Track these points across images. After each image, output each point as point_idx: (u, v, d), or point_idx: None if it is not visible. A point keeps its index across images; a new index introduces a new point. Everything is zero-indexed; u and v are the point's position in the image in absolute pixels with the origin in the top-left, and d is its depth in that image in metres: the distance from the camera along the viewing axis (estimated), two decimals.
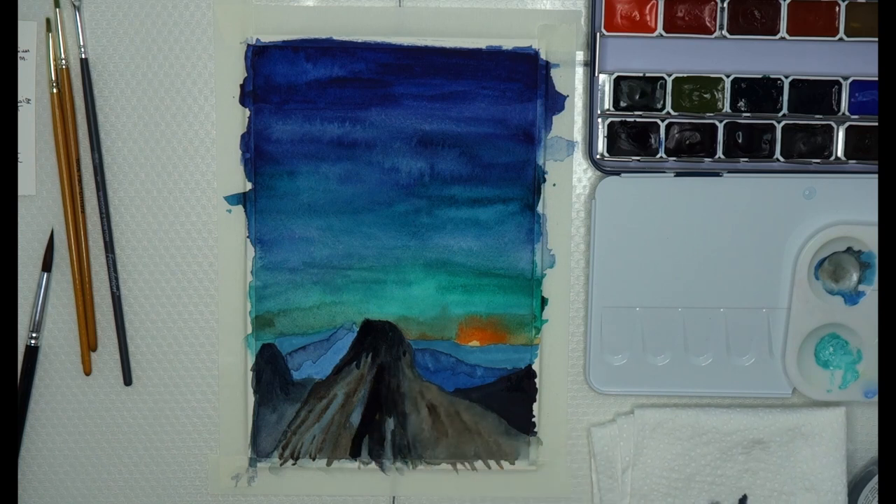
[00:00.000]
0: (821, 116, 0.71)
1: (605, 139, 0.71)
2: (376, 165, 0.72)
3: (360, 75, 0.71)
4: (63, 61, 0.71)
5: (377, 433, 0.74)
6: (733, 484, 0.73)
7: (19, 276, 0.73)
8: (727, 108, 0.70)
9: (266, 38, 0.70)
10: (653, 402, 0.74)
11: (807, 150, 0.71)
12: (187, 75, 0.72)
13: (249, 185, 0.72)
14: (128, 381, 0.74)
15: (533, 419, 0.74)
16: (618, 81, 0.70)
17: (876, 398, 0.73)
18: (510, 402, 0.73)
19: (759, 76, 0.70)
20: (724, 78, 0.70)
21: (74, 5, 0.71)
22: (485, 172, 0.72)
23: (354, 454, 0.74)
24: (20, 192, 0.72)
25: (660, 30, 0.70)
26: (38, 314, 0.72)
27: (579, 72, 0.72)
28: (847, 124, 0.71)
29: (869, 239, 0.71)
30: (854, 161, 0.71)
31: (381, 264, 0.72)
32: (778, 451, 0.73)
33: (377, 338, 0.73)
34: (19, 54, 0.71)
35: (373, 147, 0.71)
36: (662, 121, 0.71)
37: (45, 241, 0.72)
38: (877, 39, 0.70)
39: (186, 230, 0.73)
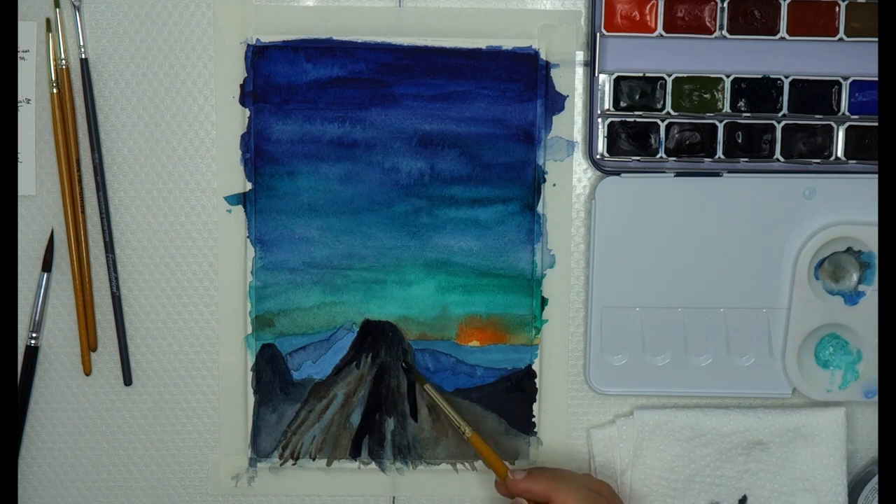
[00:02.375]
0: (821, 116, 0.71)
1: (605, 139, 0.71)
2: (376, 165, 0.72)
3: (360, 75, 0.71)
4: (63, 61, 0.71)
5: (377, 433, 0.74)
6: (733, 485, 0.73)
7: (19, 276, 0.73)
8: (727, 108, 0.70)
9: (266, 38, 0.70)
10: (653, 403, 0.74)
11: (807, 150, 0.71)
12: (187, 75, 0.72)
13: (249, 185, 0.72)
14: (128, 381, 0.74)
15: (533, 419, 0.74)
16: (618, 81, 0.70)
17: (876, 398, 0.73)
18: (510, 402, 0.73)
19: (759, 76, 0.70)
20: (724, 78, 0.70)
21: (74, 5, 0.71)
22: (485, 172, 0.72)
23: (354, 454, 0.74)
24: (20, 192, 0.72)
25: (660, 30, 0.70)
26: (38, 314, 0.72)
27: (579, 72, 0.72)
28: (847, 124, 0.71)
29: (869, 239, 0.71)
30: (854, 161, 0.71)
31: (381, 264, 0.72)
32: (778, 451, 0.73)
33: (377, 338, 0.73)
34: (19, 54, 0.71)
35: (373, 147, 0.71)
36: (662, 121, 0.71)
37: (45, 241, 0.72)
38: (877, 39, 0.70)
39: (186, 230, 0.73)
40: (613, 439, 0.74)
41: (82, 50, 0.71)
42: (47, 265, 0.72)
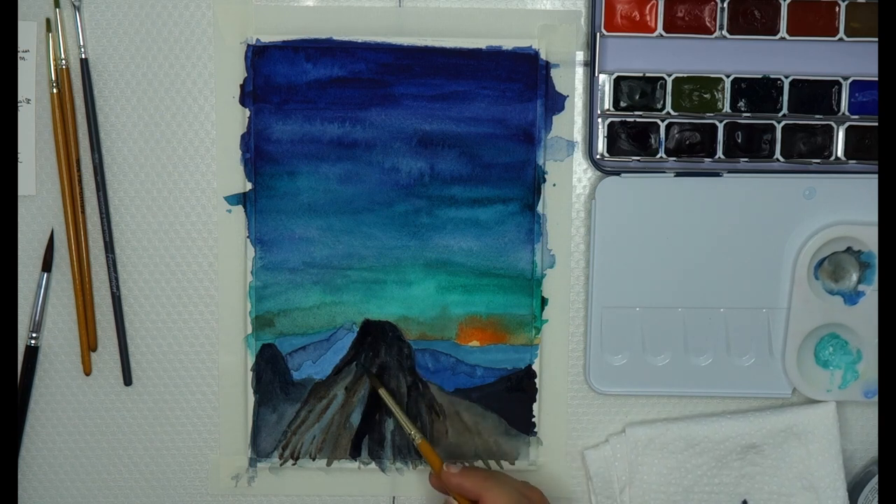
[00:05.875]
0: (821, 116, 0.71)
1: (605, 139, 0.71)
2: (376, 165, 0.72)
3: (360, 75, 0.71)
4: (63, 61, 0.71)
5: (377, 433, 0.74)
6: (732, 490, 0.73)
7: (19, 276, 0.73)
8: (727, 108, 0.70)
9: (266, 38, 0.70)
10: (653, 403, 0.74)
11: (807, 150, 0.71)
12: (187, 75, 0.72)
13: (249, 185, 0.72)
14: (128, 381, 0.74)
15: (533, 419, 0.74)
16: (618, 81, 0.70)
17: (876, 398, 0.73)
18: (510, 402, 0.73)
19: (759, 76, 0.70)
20: (724, 78, 0.70)
21: (74, 5, 0.71)
22: (485, 172, 0.72)
23: (354, 454, 0.74)
24: (20, 192, 0.72)
25: (660, 30, 0.70)
26: (38, 314, 0.72)
27: (579, 72, 0.72)
28: (847, 124, 0.71)
29: (869, 239, 0.71)
30: (854, 161, 0.71)
31: (381, 264, 0.72)
32: (772, 453, 0.73)
33: (377, 338, 0.73)
34: (19, 54, 0.71)
35: (373, 147, 0.71)
36: (662, 121, 0.71)
37: (45, 241, 0.72)
38: (877, 39, 0.70)
39: (186, 230, 0.73)
40: (608, 459, 0.73)
41: (82, 50, 0.71)
42: (47, 265, 0.72)
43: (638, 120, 0.71)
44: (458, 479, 0.67)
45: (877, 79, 0.70)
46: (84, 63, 0.71)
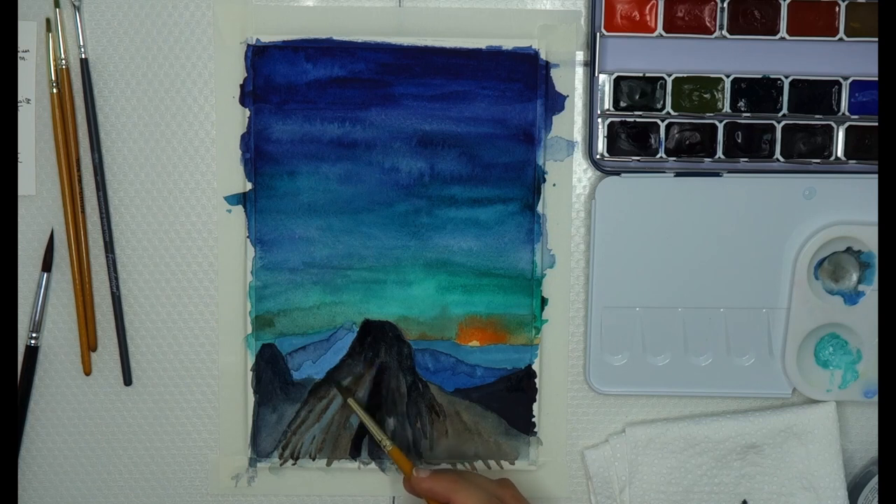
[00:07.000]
0: (821, 116, 0.71)
1: (605, 139, 0.71)
2: (376, 165, 0.72)
3: (360, 75, 0.71)
4: (63, 61, 0.71)
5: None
6: (732, 490, 0.73)
7: (19, 276, 0.73)
8: (727, 108, 0.71)
9: (266, 38, 0.70)
10: (653, 403, 0.74)
11: (807, 150, 0.71)
12: (187, 75, 0.72)
13: (249, 185, 0.72)
14: (128, 381, 0.74)
15: (533, 419, 0.74)
16: (618, 81, 0.70)
17: (876, 398, 0.73)
18: (510, 402, 0.73)
19: (759, 76, 0.70)
20: (724, 78, 0.70)
21: (74, 5, 0.71)
22: (485, 172, 0.72)
23: (354, 454, 0.74)
24: (20, 192, 0.72)
25: (660, 30, 0.70)
26: (38, 314, 0.72)
27: (579, 72, 0.72)
28: (847, 124, 0.71)
29: (869, 239, 0.71)
30: (854, 161, 0.71)
31: (381, 264, 0.72)
32: (772, 453, 0.73)
33: (377, 338, 0.73)
34: (19, 54, 0.71)
35: (373, 147, 0.71)
36: (662, 121, 0.71)
37: (45, 241, 0.72)
38: (877, 39, 0.70)
39: (186, 230, 0.73)
40: (608, 458, 0.73)
41: (82, 50, 0.71)
42: (47, 265, 0.72)
43: (638, 120, 0.71)
44: (427, 483, 0.67)
45: (877, 79, 0.70)
46: (84, 63, 0.71)
